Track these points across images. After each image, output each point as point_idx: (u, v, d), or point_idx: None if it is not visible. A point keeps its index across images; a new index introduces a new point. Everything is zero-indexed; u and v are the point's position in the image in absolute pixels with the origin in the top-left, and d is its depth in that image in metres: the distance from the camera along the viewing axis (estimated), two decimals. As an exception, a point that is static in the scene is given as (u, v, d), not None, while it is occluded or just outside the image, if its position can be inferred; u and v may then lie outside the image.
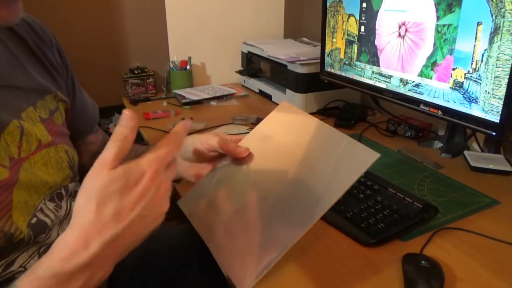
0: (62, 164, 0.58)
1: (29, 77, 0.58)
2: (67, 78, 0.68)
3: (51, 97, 0.61)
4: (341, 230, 0.68)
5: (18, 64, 0.57)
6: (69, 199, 0.60)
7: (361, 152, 0.45)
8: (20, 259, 0.52)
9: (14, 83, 0.55)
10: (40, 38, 0.62)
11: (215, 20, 1.60)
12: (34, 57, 0.61)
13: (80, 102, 0.72)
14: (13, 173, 0.50)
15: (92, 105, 0.77)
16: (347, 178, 0.45)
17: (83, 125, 0.73)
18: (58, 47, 0.67)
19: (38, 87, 0.58)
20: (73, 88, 0.70)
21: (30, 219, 0.52)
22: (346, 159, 0.47)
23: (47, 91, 0.60)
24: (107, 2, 1.42)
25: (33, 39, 0.61)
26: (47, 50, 0.63)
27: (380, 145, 1.04)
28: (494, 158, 0.93)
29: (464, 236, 0.67)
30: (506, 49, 0.73)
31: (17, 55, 0.57)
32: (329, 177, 0.47)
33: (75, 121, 0.69)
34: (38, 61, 0.61)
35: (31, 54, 0.60)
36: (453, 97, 0.85)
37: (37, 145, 0.54)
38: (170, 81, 1.54)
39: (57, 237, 0.56)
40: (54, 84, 0.63)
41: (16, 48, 0.58)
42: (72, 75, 0.70)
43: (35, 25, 0.62)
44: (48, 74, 0.62)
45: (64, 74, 0.67)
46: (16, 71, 0.56)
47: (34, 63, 0.60)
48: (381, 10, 1.00)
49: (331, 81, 1.22)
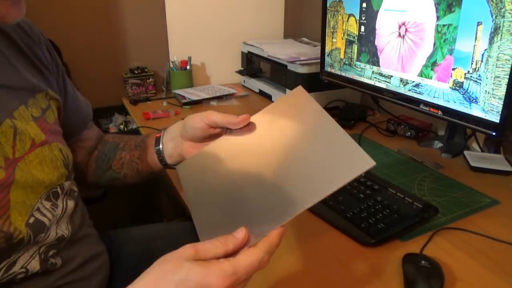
0: (57, 162, 0.58)
1: (19, 76, 0.57)
2: (57, 76, 0.67)
3: (42, 96, 0.60)
4: (341, 230, 0.68)
5: (8, 63, 0.56)
6: (65, 198, 0.60)
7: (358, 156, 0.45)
8: (21, 260, 0.52)
9: (4, 82, 0.54)
10: (29, 37, 0.62)
11: (215, 20, 1.60)
12: (24, 55, 0.60)
13: (73, 99, 0.71)
14: (9, 173, 0.50)
15: (85, 102, 0.77)
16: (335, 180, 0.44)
17: (77, 122, 0.73)
18: (47, 45, 0.66)
19: (29, 85, 0.58)
20: (65, 85, 0.69)
21: (28, 218, 0.52)
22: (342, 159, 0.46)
23: (38, 90, 0.59)
24: (107, 2, 1.42)
25: (21, 37, 0.61)
26: (36, 48, 0.62)
27: (380, 145, 1.04)
28: (494, 158, 0.93)
29: (464, 236, 0.67)
30: (506, 49, 0.73)
31: (6, 54, 0.57)
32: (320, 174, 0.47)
33: (68, 119, 0.68)
34: (28, 60, 0.60)
35: (20, 53, 0.60)
36: (453, 97, 0.85)
37: (31, 144, 0.54)
38: (170, 81, 1.54)
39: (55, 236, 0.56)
40: (45, 82, 0.62)
41: (5, 47, 0.57)
42: (62, 72, 0.69)
43: (23, 24, 0.62)
44: (39, 72, 0.62)
45: (55, 72, 0.66)
46: (5, 70, 0.55)
47: (23, 62, 0.59)
48: (381, 10, 1.00)
49: (331, 81, 1.22)
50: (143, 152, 0.72)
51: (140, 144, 0.74)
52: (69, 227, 0.60)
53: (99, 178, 0.76)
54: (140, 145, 0.74)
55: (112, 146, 0.76)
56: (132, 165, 0.74)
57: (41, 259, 0.54)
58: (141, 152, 0.73)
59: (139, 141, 0.75)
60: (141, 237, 0.83)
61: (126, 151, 0.75)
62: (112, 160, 0.75)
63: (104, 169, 0.75)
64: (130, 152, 0.74)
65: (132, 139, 0.77)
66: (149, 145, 0.72)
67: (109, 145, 0.77)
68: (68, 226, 0.60)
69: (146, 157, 0.72)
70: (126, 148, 0.75)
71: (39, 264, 0.54)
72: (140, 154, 0.73)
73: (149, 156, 0.71)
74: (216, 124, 0.60)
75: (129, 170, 0.74)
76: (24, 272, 0.52)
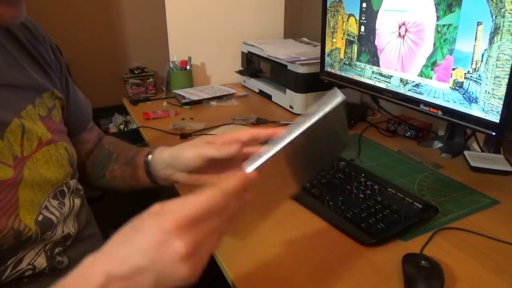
0: (63, 161, 0.59)
1: (26, 75, 0.58)
2: (61, 76, 0.68)
3: (48, 95, 0.61)
4: (341, 230, 0.68)
5: (15, 62, 0.57)
6: (71, 196, 0.60)
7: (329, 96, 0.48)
8: (27, 257, 0.52)
9: (12, 81, 0.55)
10: (34, 36, 0.63)
11: (215, 20, 1.60)
12: (29, 55, 0.61)
13: (74, 99, 0.71)
14: (18, 171, 0.51)
15: (86, 102, 0.76)
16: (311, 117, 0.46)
17: (77, 123, 0.73)
18: (51, 45, 0.67)
19: (35, 85, 0.59)
20: (67, 85, 0.70)
21: (37, 216, 0.53)
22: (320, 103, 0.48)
23: (44, 89, 0.60)
24: (107, 2, 1.42)
25: (27, 37, 0.61)
26: (41, 48, 0.63)
27: (380, 145, 1.04)
28: (494, 158, 0.93)
29: (464, 236, 0.67)
30: (506, 49, 0.73)
31: (13, 54, 0.57)
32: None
33: (69, 119, 0.69)
34: (33, 59, 0.61)
35: (26, 53, 0.60)
36: (453, 97, 0.85)
37: (37, 143, 0.55)
38: (170, 81, 1.53)
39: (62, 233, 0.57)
40: (50, 82, 0.63)
41: (11, 47, 0.58)
42: (65, 72, 0.70)
43: (28, 23, 0.62)
44: (44, 72, 0.62)
45: (58, 72, 0.67)
46: (13, 70, 0.56)
47: (29, 62, 0.60)
48: (381, 10, 1.00)
49: (331, 81, 1.22)
50: (135, 171, 0.70)
51: (130, 161, 0.71)
52: (76, 225, 0.61)
53: (95, 182, 0.76)
54: (130, 162, 0.71)
55: (106, 155, 0.75)
56: (125, 181, 0.72)
57: (47, 257, 0.55)
58: (132, 171, 0.70)
59: (130, 157, 0.72)
60: None
61: (118, 164, 0.73)
62: (106, 170, 0.74)
63: (98, 176, 0.74)
64: (121, 167, 0.72)
65: (123, 153, 0.74)
66: (139, 166, 0.69)
67: (104, 152, 0.76)
68: (74, 224, 0.60)
69: (139, 177, 0.70)
70: (118, 161, 0.73)
71: (46, 261, 0.54)
72: (132, 172, 0.70)
73: (141, 176, 0.69)
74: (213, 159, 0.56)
75: (122, 184, 0.73)
76: (32, 269, 0.52)
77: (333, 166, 0.84)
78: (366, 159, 0.95)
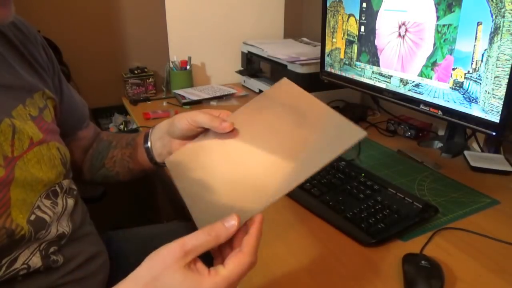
0: (55, 161, 0.59)
1: (16, 75, 0.57)
2: (53, 76, 0.67)
3: (39, 95, 0.61)
4: (341, 230, 0.68)
5: (5, 62, 0.57)
6: (64, 196, 0.60)
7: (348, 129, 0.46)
8: (22, 256, 0.52)
9: (3, 81, 0.55)
10: (25, 36, 0.62)
11: (215, 20, 1.60)
12: (20, 55, 0.60)
13: (68, 99, 0.71)
14: (9, 171, 0.50)
15: (81, 101, 0.77)
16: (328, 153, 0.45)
17: (73, 122, 0.73)
18: (43, 44, 0.66)
19: (26, 85, 0.58)
20: (60, 85, 0.70)
21: (29, 216, 0.52)
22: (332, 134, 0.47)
23: (35, 89, 0.60)
24: (107, 2, 1.42)
25: (18, 37, 0.61)
26: (32, 48, 0.63)
27: (380, 145, 1.04)
28: (494, 158, 0.94)
29: (464, 236, 0.67)
30: (506, 49, 0.73)
31: (3, 54, 0.57)
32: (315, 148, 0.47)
33: (64, 118, 0.69)
34: (24, 59, 0.61)
35: (17, 53, 0.60)
36: (453, 97, 0.85)
37: (29, 143, 0.55)
38: (170, 81, 1.54)
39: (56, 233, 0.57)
40: (41, 82, 0.63)
41: (2, 47, 0.58)
42: (58, 72, 0.69)
43: (19, 23, 0.62)
44: (35, 72, 0.62)
45: (51, 72, 0.67)
46: (3, 70, 0.56)
47: (20, 61, 0.60)
48: (381, 10, 1.00)
49: (331, 81, 1.22)
50: (134, 150, 0.72)
51: (130, 142, 0.74)
52: (70, 224, 0.60)
53: (94, 175, 0.77)
54: (130, 143, 0.74)
55: (106, 144, 0.77)
56: (124, 163, 0.74)
57: (42, 256, 0.54)
58: (131, 150, 0.73)
59: (130, 139, 0.75)
60: (141, 237, 0.82)
61: (118, 149, 0.75)
62: (105, 158, 0.75)
63: (98, 167, 0.75)
64: (121, 150, 0.74)
65: (124, 137, 0.77)
66: (139, 144, 0.72)
67: (103, 143, 0.77)
68: (68, 224, 0.60)
69: (137, 155, 0.72)
70: (118, 146, 0.75)
71: (41, 260, 0.54)
72: (131, 152, 0.73)
73: (139, 155, 0.71)
74: (201, 126, 0.60)
75: (121, 168, 0.74)
76: (26, 268, 0.52)
77: (333, 166, 0.84)
78: (366, 159, 0.95)
